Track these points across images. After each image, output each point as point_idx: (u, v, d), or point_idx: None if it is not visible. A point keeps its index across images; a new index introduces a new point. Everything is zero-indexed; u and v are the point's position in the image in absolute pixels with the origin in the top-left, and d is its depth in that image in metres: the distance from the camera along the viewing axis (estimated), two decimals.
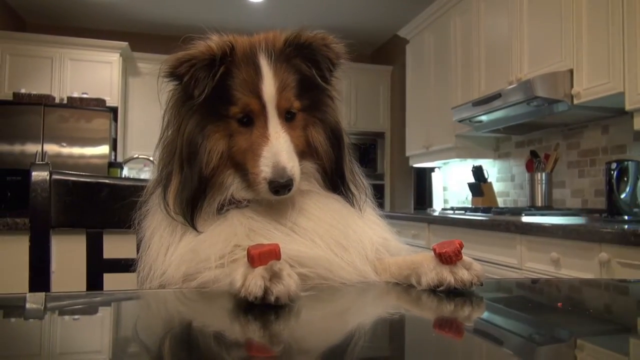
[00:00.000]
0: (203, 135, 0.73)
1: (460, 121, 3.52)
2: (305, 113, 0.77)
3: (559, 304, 0.70)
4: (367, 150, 5.80)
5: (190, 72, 0.70)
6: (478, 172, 3.81)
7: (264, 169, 0.70)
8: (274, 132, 0.72)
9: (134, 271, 0.77)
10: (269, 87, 0.72)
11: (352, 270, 0.71)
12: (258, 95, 0.72)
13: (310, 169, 0.78)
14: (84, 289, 0.99)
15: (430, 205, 4.63)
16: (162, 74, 0.73)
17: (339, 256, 0.71)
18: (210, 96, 0.71)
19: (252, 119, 0.73)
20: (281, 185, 0.69)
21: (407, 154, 4.77)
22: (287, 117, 0.74)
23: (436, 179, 4.67)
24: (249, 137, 0.72)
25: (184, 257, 0.69)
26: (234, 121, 0.73)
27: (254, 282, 0.53)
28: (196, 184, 0.72)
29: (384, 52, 6.05)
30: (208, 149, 0.72)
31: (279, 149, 0.70)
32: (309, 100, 0.77)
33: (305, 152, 0.77)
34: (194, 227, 0.71)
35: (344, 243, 0.73)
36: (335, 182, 0.79)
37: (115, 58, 5.11)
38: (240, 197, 0.74)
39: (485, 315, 0.60)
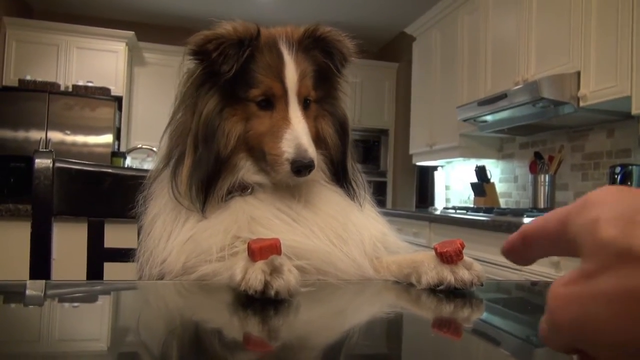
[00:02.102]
0: (221, 117, 0.74)
1: (465, 120, 3.51)
2: (318, 104, 0.79)
3: None
4: (371, 147, 5.79)
5: (220, 49, 0.71)
6: (481, 172, 3.81)
7: (287, 149, 0.71)
8: (295, 116, 0.73)
9: (134, 261, 0.78)
10: (291, 73, 0.74)
11: (350, 263, 0.71)
12: (281, 79, 0.74)
13: (318, 159, 0.78)
14: (84, 278, 1.00)
15: (432, 203, 4.63)
16: (187, 50, 0.74)
17: (337, 247, 0.71)
18: (230, 78, 0.72)
19: (273, 103, 0.74)
20: (304, 165, 0.70)
21: (411, 151, 4.76)
22: (304, 105, 0.76)
23: (439, 178, 4.67)
24: (268, 120, 0.74)
25: (184, 247, 0.70)
26: (253, 104, 0.74)
27: (255, 276, 0.53)
28: (212, 166, 0.72)
29: (391, 49, 6.03)
30: (226, 131, 0.73)
31: (300, 131, 0.72)
32: (322, 92, 0.79)
33: (314, 142, 0.78)
34: (203, 210, 0.71)
35: (344, 235, 0.73)
36: (339, 175, 0.80)
37: (121, 47, 5.11)
38: (250, 180, 0.74)
39: (484, 316, 0.60)
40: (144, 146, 3.68)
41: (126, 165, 4.72)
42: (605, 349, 0.26)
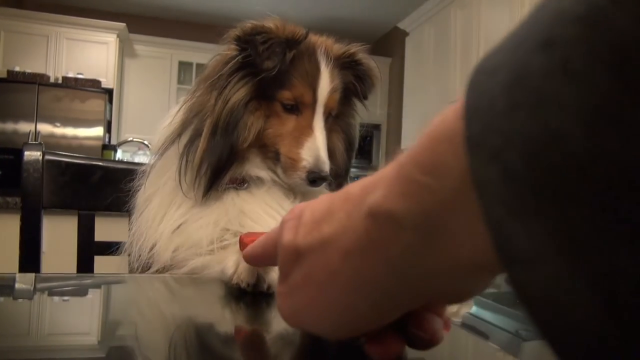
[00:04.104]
0: (246, 109, 0.73)
1: None
2: (333, 119, 0.80)
3: None
4: (363, 142, 5.80)
5: (268, 43, 0.70)
6: None
7: (307, 158, 0.72)
8: (318, 126, 0.75)
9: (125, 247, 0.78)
10: (324, 84, 0.75)
11: None
12: (314, 89, 0.74)
13: None
14: (75, 271, 0.99)
15: None
16: (231, 36, 0.73)
17: None
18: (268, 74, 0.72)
19: (299, 109, 0.75)
20: (320, 177, 0.72)
21: (403, 146, 4.77)
22: (326, 117, 0.77)
23: None
24: (291, 124, 0.74)
25: (174, 238, 0.70)
26: (279, 104, 0.74)
27: (247, 270, 0.53)
28: (225, 155, 0.71)
29: (384, 43, 6.03)
30: (249, 124, 0.73)
31: (320, 143, 0.73)
32: (341, 109, 0.81)
33: None
34: (204, 194, 0.71)
35: None
36: (338, 187, 0.81)
37: (112, 39, 5.05)
38: (253, 174, 0.75)
39: (474, 310, 0.60)
40: (135, 139, 3.65)
41: (117, 158, 4.69)
42: (308, 326, 0.33)
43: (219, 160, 0.71)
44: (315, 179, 0.72)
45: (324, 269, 0.29)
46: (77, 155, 1.04)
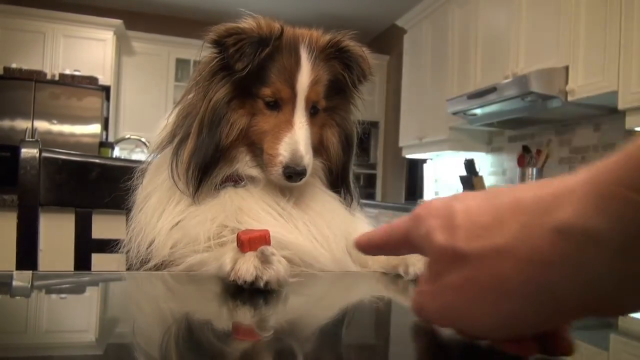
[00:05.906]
0: (228, 107, 0.74)
1: (454, 113, 3.53)
2: (326, 113, 0.80)
3: None
4: (361, 140, 5.78)
5: (238, 45, 0.71)
6: (470, 165, 3.83)
7: (283, 153, 0.72)
8: (299, 121, 0.74)
9: (120, 251, 0.78)
10: (304, 78, 0.74)
11: (331, 259, 0.72)
12: (292, 84, 0.74)
13: (317, 166, 0.80)
14: (72, 269, 0.99)
15: (421, 196, 4.65)
16: (208, 40, 0.74)
17: (319, 243, 0.73)
18: (246, 73, 0.72)
19: (280, 104, 0.75)
20: (295, 172, 0.71)
21: (400, 144, 4.77)
22: (311, 111, 0.76)
23: (428, 171, 4.69)
24: (272, 120, 0.74)
25: (172, 234, 0.70)
26: (261, 101, 0.75)
27: (245, 267, 0.53)
28: (211, 153, 0.73)
29: (382, 41, 6.02)
30: (231, 121, 0.74)
31: (300, 137, 0.73)
32: (333, 103, 0.80)
33: (316, 149, 0.79)
34: (195, 193, 0.72)
35: (327, 232, 0.74)
36: (336, 183, 0.82)
37: (109, 36, 5.03)
38: (245, 173, 0.75)
39: None
40: (132, 136, 3.64)
41: (114, 156, 4.67)
42: (462, 325, 0.35)
43: (204, 159, 0.72)
44: (290, 173, 0.71)
45: (492, 275, 0.30)
46: (74, 152, 1.04)
